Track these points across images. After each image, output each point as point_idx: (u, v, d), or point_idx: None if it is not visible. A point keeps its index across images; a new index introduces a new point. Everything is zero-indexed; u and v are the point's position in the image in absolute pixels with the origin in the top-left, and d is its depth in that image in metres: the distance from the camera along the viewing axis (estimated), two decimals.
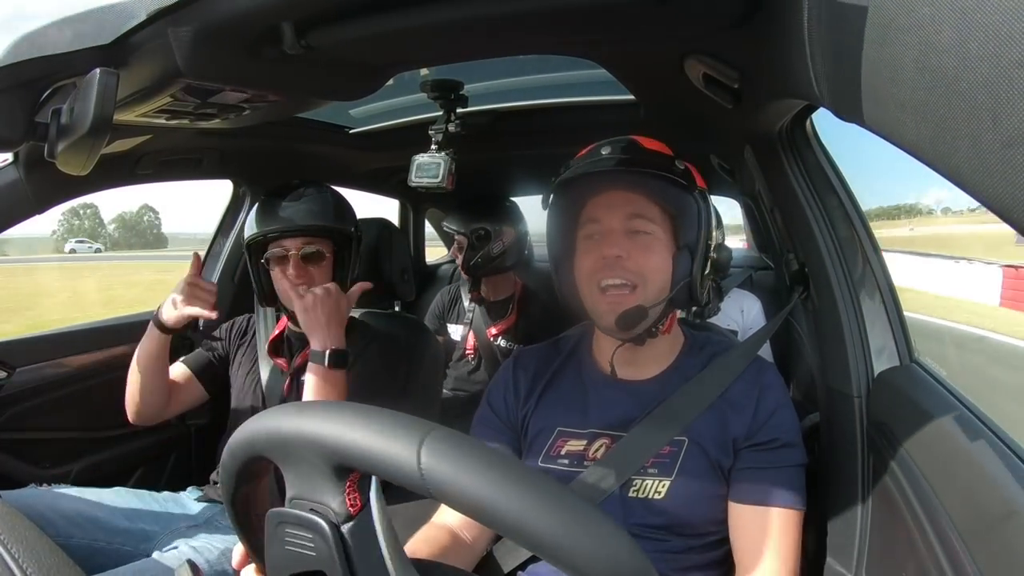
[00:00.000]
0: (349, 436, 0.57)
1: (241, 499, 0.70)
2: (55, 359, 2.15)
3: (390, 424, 0.56)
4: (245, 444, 0.64)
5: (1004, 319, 11.43)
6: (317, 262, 1.79)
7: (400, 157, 1.86)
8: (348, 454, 0.57)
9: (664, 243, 1.21)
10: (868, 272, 1.34)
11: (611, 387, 1.30)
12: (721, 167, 2.29)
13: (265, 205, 1.83)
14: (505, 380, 1.41)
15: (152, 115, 1.41)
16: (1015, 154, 0.34)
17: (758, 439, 1.19)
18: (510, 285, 3.06)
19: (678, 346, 1.33)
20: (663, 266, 1.20)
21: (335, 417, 0.59)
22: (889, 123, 0.50)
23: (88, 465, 2.19)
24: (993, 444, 0.93)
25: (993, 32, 0.34)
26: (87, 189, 1.94)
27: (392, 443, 0.54)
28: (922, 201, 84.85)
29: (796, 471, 1.20)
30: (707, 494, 1.20)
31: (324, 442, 0.58)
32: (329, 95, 1.45)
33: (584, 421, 1.29)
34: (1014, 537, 0.77)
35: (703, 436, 1.21)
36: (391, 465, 0.54)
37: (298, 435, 0.60)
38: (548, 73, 1.98)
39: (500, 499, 0.51)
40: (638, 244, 1.20)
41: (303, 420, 0.60)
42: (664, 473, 1.20)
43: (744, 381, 1.25)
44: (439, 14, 1.00)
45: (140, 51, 1.06)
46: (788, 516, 1.16)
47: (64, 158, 1.05)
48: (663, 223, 1.21)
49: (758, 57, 1.02)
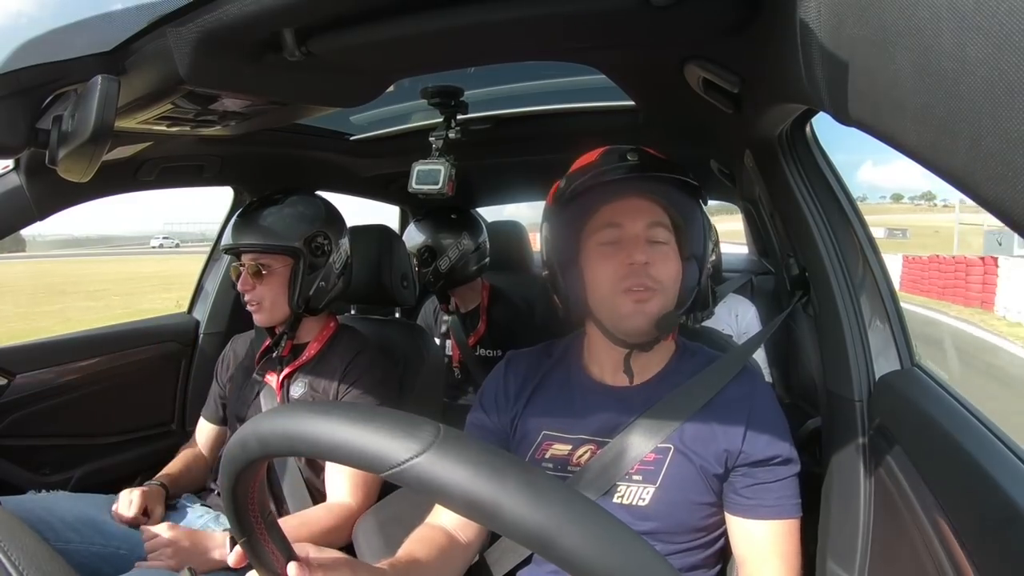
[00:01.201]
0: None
1: (240, 501, 0.70)
2: (55, 366, 2.15)
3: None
4: (242, 446, 0.63)
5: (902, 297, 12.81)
6: (260, 278, 1.81)
7: (400, 163, 1.87)
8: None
9: (675, 252, 1.23)
10: (869, 276, 1.34)
11: (599, 393, 1.31)
12: (721, 172, 2.29)
13: (236, 219, 1.87)
14: (496, 382, 1.41)
15: (153, 122, 1.41)
16: (1015, 157, 0.34)
17: (760, 456, 1.20)
18: (476, 294, 3.06)
19: (669, 352, 1.34)
20: (677, 275, 1.22)
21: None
22: (889, 127, 0.50)
23: (88, 472, 2.20)
24: (995, 448, 0.93)
25: (992, 35, 0.34)
26: (88, 196, 1.94)
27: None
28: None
29: (795, 480, 1.23)
30: (692, 501, 1.20)
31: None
32: (330, 102, 1.46)
33: (570, 426, 1.29)
34: (1017, 542, 0.77)
35: (689, 443, 1.21)
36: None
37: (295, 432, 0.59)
38: (548, 79, 1.99)
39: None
40: (658, 253, 1.20)
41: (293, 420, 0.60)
42: (649, 480, 1.20)
43: (736, 390, 1.25)
44: (439, 21, 1.00)
45: (141, 58, 1.06)
46: (794, 526, 1.20)
47: (65, 165, 1.05)
48: (675, 231, 1.24)
49: (758, 62, 1.02)
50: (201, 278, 2.71)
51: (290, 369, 1.89)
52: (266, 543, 0.75)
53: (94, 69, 1.00)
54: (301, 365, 1.89)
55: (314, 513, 1.68)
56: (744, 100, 1.24)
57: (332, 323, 1.98)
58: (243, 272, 1.81)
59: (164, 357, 2.48)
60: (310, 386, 1.87)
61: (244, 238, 1.81)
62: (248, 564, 0.78)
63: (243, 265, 1.82)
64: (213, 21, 0.95)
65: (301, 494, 1.80)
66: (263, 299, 1.81)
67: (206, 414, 2.08)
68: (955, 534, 0.89)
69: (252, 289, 1.81)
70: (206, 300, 2.65)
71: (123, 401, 2.12)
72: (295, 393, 1.87)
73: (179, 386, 2.54)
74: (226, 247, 1.84)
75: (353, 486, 1.72)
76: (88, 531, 1.60)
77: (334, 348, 1.92)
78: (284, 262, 1.83)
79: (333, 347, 1.92)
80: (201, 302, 2.68)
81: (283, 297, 1.83)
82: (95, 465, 2.22)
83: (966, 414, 1.05)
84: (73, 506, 1.65)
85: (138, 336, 2.41)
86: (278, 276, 1.82)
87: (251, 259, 1.81)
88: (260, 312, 1.83)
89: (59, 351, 2.20)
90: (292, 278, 1.83)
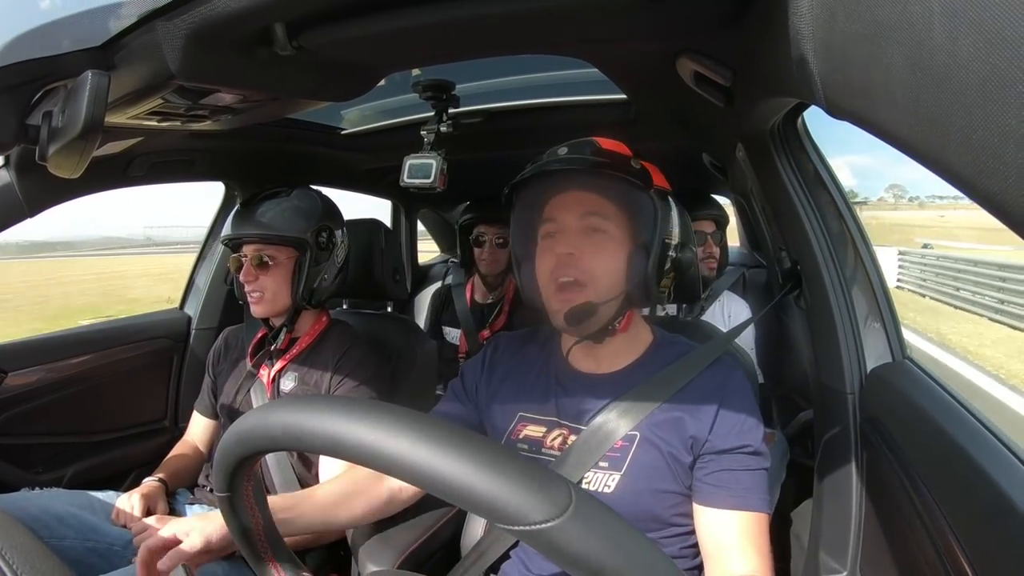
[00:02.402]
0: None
1: (237, 495, 0.70)
2: (47, 363, 2.14)
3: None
4: (238, 442, 0.63)
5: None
6: (264, 269, 1.82)
7: (392, 158, 1.86)
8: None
9: (619, 242, 1.21)
10: (860, 269, 1.35)
11: (572, 379, 1.32)
12: (713, 165, 2.29)
13: (237, 211, 1.87)
14: (482, 359, 1.44)
15: (143, 117, 1.40)
16: (1007, 151, 0.35)
17: (727, 444, 1.18)
18: (504, 287, 3.08)
19: (644, 344, 1.33)
20: (615, 264, 1.21)
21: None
22: (881, 121, 0.50)
23: (81, 470, 2.19)
24: (986, 440, 0.94)
25: (984, 30, 0.34)
26: (79, 192, 1.93)
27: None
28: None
29: (764, 476, 1.19)
30: (657, 489, 1.19)
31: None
32: (321, 96, 1.45)
33: (545, 409, 1.31)
34: (1009, 533, 0.78)
35: (657, 431, 1.20)
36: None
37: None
38: (540, 72, 1.99)
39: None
40: (592, 242, 1.20)
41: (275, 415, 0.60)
42: (614, 467, 1.20)
43: (709, 379, 1.24)
44: (431, 15, 0.99)
45: (131, 53, 1.05)
46: (761, 521, 1.16)
47: (55, 161, 1.04)
48: (619, 221, 1.22)
49: (750, 55, 1.02)
50: (193, 273, 2.69)
51: (282, 363, 1.89)
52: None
53: (84, 64, 0.99)
54: (292, 359, 1.90)
55: None
56: (736, 93, 1.24)
57: (324, 317, 1.99)
58: (245, 263, 1.82)
59: (156, 353, 2.47)
60: (301, 380, 1.87)
61: (250, 228, 1.81)
62: (237, 552, 0.78)
63: (244, 256, 1.82)
64: (204, 15, 0.94)
65: (294, 489, 1.79)
66: (265, 290, 1.82)
67: (200, 408, 2.08)
68: (947, 525, 0.89)
69: (255, 280, 1.81)
70: (198, 295, 2.64)
71: (116, 398, 2.11)
72: (285, 387, 1.88)
73: (172, 382, 2.53)
74: (228, 237, 1.84)
75: None
76: (83, 528, 1.60)
77: (325, 342, 1.92)
78: (289, 254, 1.84)
79: (324, 341, 1.93)
80: (193, 297, 2.67)
81: (285, 289, 1.84)
82: (88, 462, 2.21)
83: (958, 407, 1.05)
84: (67, 503, 1.65)
85: (130, 332, 2.40)
86: (282, 268, 1.83)
87: (255, 250, 1.81)
88: (260, 303, 1.83)
89: (51, 348, 2.19)
90: (297, 270, 1.85)
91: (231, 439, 0.64)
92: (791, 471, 2.01)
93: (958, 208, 46.67)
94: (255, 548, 0.76)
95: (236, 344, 2.07)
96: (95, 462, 2.23)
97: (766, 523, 1.16)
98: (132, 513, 1.65)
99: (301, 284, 1.83)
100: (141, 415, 2.44)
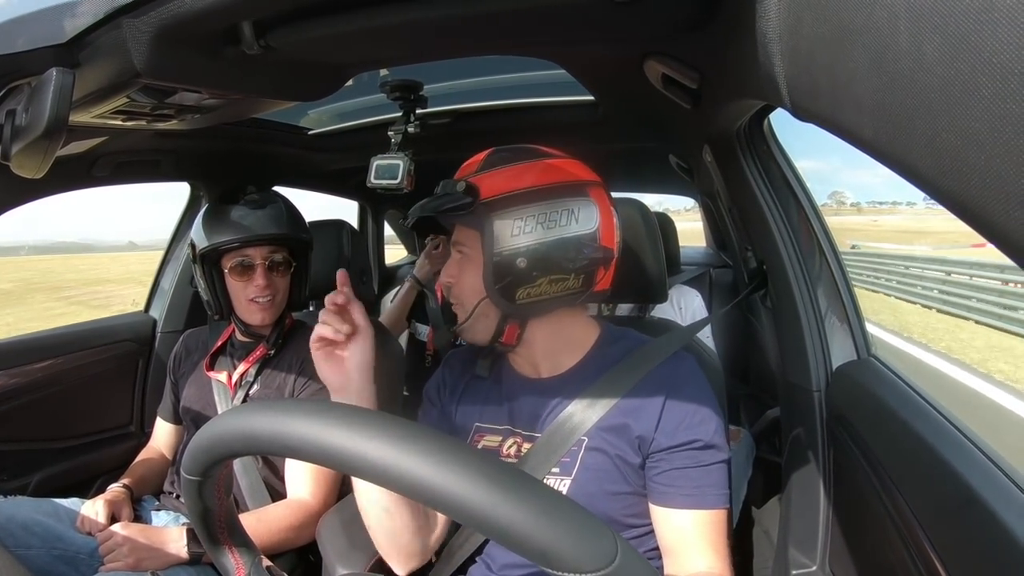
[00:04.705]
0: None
1: (209, 481, 0.69)
2: (9, 368, 2.09)
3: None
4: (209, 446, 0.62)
5: None
6: (284, 271, 1.80)
7: (359, 158, 1.85)
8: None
9: (474, 260, 1.22)
10: (825, 269, 1.36)
11: (521, 386, 1.32)
12: (679, 166, 2.31)
13: (218, 213, 1.80)
14: (439, 377, 1.45)
15: (109, 116, 1.38)
16: (969, 153, 0.35)
17: (675, 441, 1.16)
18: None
19: (587, 343, 1.31)
20: (473, 281, 1.22)
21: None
22: (847, 123, 0.51)
23: (47, 476, 2.15)
24: (950, 434, 0.95)
25: (948, 35, 0.35)
26: (42, 193, 1.90)
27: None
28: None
29: (721, 468, 1.18)
30: (608, 492, 1.19)
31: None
32: (289, 96, 1.44)
33: (498, 418, 1.32)
34: (973, 524, 0.80)
35: (602, 434, 1.20)
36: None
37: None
38: (508, 74, 1.99)
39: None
40: (458, 264, 1.26)
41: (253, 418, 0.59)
42: (565, 472, 1.21)
43: (658, 375, 1.23)
44: (399, 15, 0.99)
45: (97, 50, 1.03)
46: (718, 516, 1.15)
47: (18, 161, 1.02)
48: (473, 243, 1.23)
49: (718, 58, 1.03)
50: (158, 276, 2.65)
51: (245, 365, 1.86)
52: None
53: (48, 62, 0.97)
54: (255, 361, 1.86)
55: (273, 510, 1.66)
56: (703, 95, 1.25)
57: (288, 319, 1.95)
58: (257, 266, 1.77)
59: (121, 357, 2.43)
60: (264, 383, 1.84)
61: (266, 229, 1.76)
62: (205, 558, 0.77)
63: (249, 259, 1.77)
64: (171, 12, 0.93)
65: (260, 493, 1.77)
66: (278, 293, 1.80)
67: (163, 413, 2.05)
68: (914, 518, 0.91)
69: (268, 284, 1.78)
70: (163, 298, 2.60)
71: (81, 403, 2.07)
72: (248, 390, 1.84)
73: (137, 386, 2.49)
74: (233, 240, 1.74)
75: (314, 484, 1.70)
76: (48, 536, 1.57)
77: (289, 344, 1.90)
78: (287, 256, 1.83)
79: (288, 344, 1.90)
80: (158, 300, 2.63)
81: (286, 291, 1.83)
82: (54, 469, 2.17)
83: (921, 402, 1.07)
84: (32, 511, 1.62)
85: (94, 336, 2.35)
86: (294, 269, 1.83)
87: (268, 251, 1.78)
88: (270, 308, 1.81)
89: (13, 353, 2.13)
90: (304, 270, 1.85)
91: (228, 433, 0.61)
92: (759, 468, 2.03)
93: (895, 213, 48.22)
94: (213, 532, 0.75)
95: (197, 347, 2.03)
96: (61, 468, 2.19)
97: (723, 518, 1.15)
98: (97, 520, 1.63)
99: (307, 285, 1.83)
100: (107, 420, 2.40)
